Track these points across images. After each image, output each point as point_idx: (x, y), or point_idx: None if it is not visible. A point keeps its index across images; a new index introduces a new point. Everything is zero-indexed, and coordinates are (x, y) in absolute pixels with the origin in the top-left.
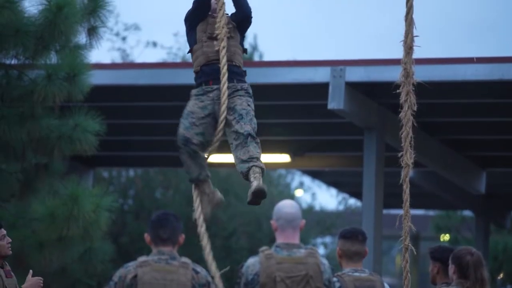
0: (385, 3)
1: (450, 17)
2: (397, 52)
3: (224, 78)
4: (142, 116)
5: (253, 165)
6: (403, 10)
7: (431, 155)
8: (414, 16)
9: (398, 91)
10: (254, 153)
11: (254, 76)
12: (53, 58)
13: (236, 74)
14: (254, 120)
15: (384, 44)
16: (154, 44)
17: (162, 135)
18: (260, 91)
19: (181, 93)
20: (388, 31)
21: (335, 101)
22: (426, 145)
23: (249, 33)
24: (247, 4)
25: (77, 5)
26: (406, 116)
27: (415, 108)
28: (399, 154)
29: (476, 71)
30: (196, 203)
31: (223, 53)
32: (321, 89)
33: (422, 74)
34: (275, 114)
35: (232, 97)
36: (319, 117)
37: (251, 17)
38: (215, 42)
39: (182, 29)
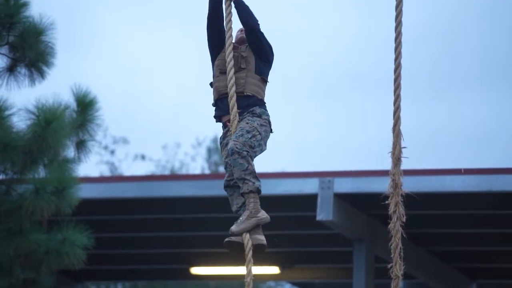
0: (372, 114)
1: (437, 128)
2: (385, 163)
3: (233, 111)
4: (130, 229)
5: (241, 194)
6: (391, 121)
7: (421, 267)
8: (401, 127)
9: (386, 202)
10: (239, 174)
11: None
12: (41, 172)
13: (246, 106)
14: (247, 135)
15: (372, 155)
16: (143, 157)
17: (151, 248)
18: None
19: (170, 205)
20: (376, 141)
21: (324, 213)
22: (416, 256)
23: None
24: (250, 17)
25: (65, 119)
26: (395, 227)
27: (404, 219)
28: (389, 266)
29: (464, 183)
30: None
31: (230, 85)
32: (310, 200)
33: (410, 185)
34: (264, 226)
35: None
36: (308, 228)
37: (257, 29)
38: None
39: (171, 141)
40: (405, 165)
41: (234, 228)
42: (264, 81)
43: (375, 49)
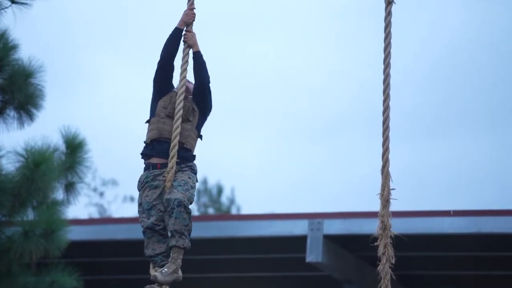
0: (361, 155)
1: (426, 170)
2: (374, 205)
3: (172, 160)
4: (119, 271)
5: (173, 246)
6: (380, 163)
7: None
8: (390, 169)
9: (375, 244)
10: (180, 228)
11: (232, 230)
12: (30, 215)
13: (184, 158)
14: (192, 191)
15: (361, 197)
16: (132, 199)
17: None
18: (239, 245)
19: None
20: (365, 183)
21: (313, 254)
22: None
23: (227, 186)
24: (205, 72)
25: (54, 161)
26: (384, 269)
27: (393, 261)
28: None
29: (453, 224)
30: None
31: (175, 133)
32: (299, 242)
33: (399, 226)
34: (254, 268)
35: (176, 173)
36: (298, 270)
37: (208, 86)
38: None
39: None
40: (394, 206)
41: (159, 277)
42: (200, 137)
43: (363, 90)
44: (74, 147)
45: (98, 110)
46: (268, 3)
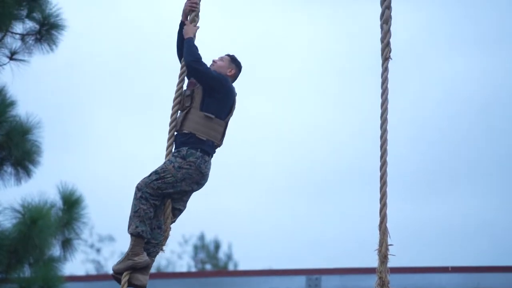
0: (359, 211)
1: (424, 226)
2: (372, 261)
3: (167, 149)
4: None
5: (128, 232)
6: (378, 218)
7: None
8: (388, 224)
9: None
10: (130, 213)
11: (230, 286)
12: (26, 272)
13: (181, 143)
14: (153, 176)
15: (359, 252)
16: None
17: None
18: None
19: None
20: (363, 238)
21: None
22: None
23: (224, 241)
24: (186, 54)
25: (51, 218)
26: None
27: None
28: None
29: (451, 280)
30: None
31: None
32: None
33: (397, 282)
34: None
35: None
36: None
37: (191, 65)
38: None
39: None
40: (392, 262)
41: (113, 266)
42: (208, 118)
43: (361, 145)
44: (71, 203)
45: (96, 166)
46: (264, 60)
